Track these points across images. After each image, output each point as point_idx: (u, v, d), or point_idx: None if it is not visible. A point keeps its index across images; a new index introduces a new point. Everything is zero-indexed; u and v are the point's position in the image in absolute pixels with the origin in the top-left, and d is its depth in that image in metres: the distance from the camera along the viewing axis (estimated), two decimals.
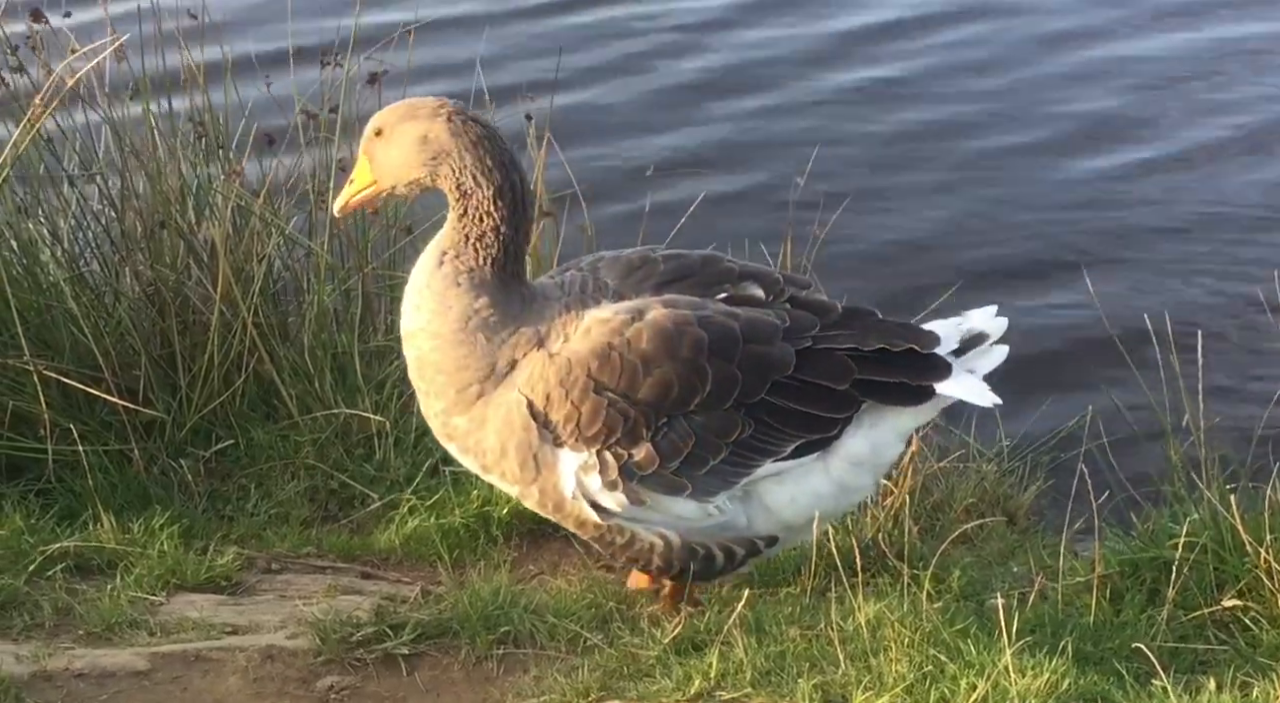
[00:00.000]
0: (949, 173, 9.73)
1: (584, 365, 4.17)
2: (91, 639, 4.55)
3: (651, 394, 4.17)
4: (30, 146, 5.82)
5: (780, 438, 4.29)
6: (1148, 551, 5.01)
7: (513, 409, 4.22)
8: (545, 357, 4.21)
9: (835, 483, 4.42)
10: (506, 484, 4.39)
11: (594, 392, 4.16)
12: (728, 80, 10.93)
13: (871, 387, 4.31)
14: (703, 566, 4.43)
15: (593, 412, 4.17)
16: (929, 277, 7.95)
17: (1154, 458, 5.63)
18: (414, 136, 4.27)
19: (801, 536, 4.58)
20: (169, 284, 5.94)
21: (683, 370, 4.16)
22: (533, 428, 4.21)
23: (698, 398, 4.19)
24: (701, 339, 4.18)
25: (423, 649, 4.44)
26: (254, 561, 5.18)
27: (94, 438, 5.59)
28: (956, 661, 4.09)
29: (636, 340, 4.17)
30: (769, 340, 4.24)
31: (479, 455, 4.34)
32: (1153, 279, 8.59)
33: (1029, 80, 10.84)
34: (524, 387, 4.21)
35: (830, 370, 4.27)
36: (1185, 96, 10.64)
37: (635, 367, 4.16)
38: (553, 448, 4.24)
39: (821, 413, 4.29)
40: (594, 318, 4.23)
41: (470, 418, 4.30)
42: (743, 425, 4.24)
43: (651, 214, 6.56)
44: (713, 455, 4.24)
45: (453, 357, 4.27)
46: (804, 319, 4.32)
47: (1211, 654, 4.61)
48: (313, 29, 6.89)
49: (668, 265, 4.44)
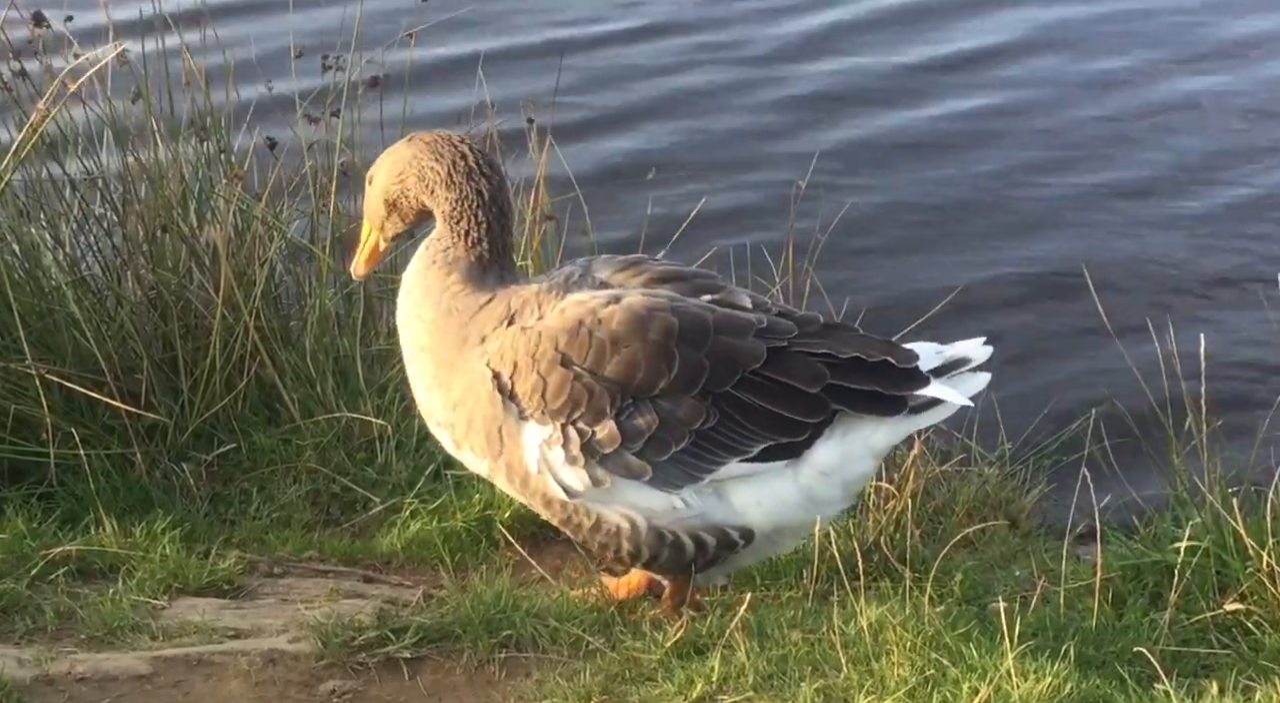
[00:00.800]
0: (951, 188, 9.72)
1: (553, 339, 4.26)
2: (93, 643, 4.55)
3: (617, 373, 4.24)
4: (33, 150, 5.82)
5: (747, 437, 4.31)
6: (1150, 554, 5.01)
7: (479, 381, 4.32)
8: (517, 330, 4.32)
9: (803, 491, 4.42)
10: (477, 459, 4.45)
11: (561, 365, 4.24)
12: (733, 90, 10.95)
13: (843, 393, 4.32)
14: (672, 554, 4.42)
15: (559, 384, 4.24)
16: (935, 287, 7.93)
17: (1156, 462, 5.62)
18: (385, 166, 4.54)
19: (774, 545, 4.60)
20: (171, 288, 5.95)
21: (650, 353, 4.23)
22: (498, 400, 4.30)
23: (663, 382, 4.24)
24: (672, 325, 4.25)
25: (425, 653, 4.44)
26: (256, 564, 5.18)
27: (96, 442, 5.60)
28: (958, 664, 4.09)
29: (608, 320, 4.26)
30: (741, 334, 4.30)
31: (450, 429, 4.44)
32: (1157, 280, 8.59)
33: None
34: (493, 358, 4.32)
35: (802, 372, 4.30)
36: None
37: (604, 344, 4.24)
38: (518, 420, 4.31)
39: (791, 415, 4.30)
40: (572, 299, 4.35)
41: (444, 390, 4.41)
42: (708, 415, 4.27)
43: (662, 221, 6.59)
44: (675, 442, 4.27)
45: (433, 334, 4.43)
46: (782, 324, 4.37)
47: (1214, 658, 4.61)
48: (314, 33, 6.89)
49: (662, 268, 4.53)
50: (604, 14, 11.98)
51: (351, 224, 6.35)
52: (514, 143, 6.55)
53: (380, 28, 6.58)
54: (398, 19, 6.77)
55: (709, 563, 4.49)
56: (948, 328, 6.82)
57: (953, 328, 7.22)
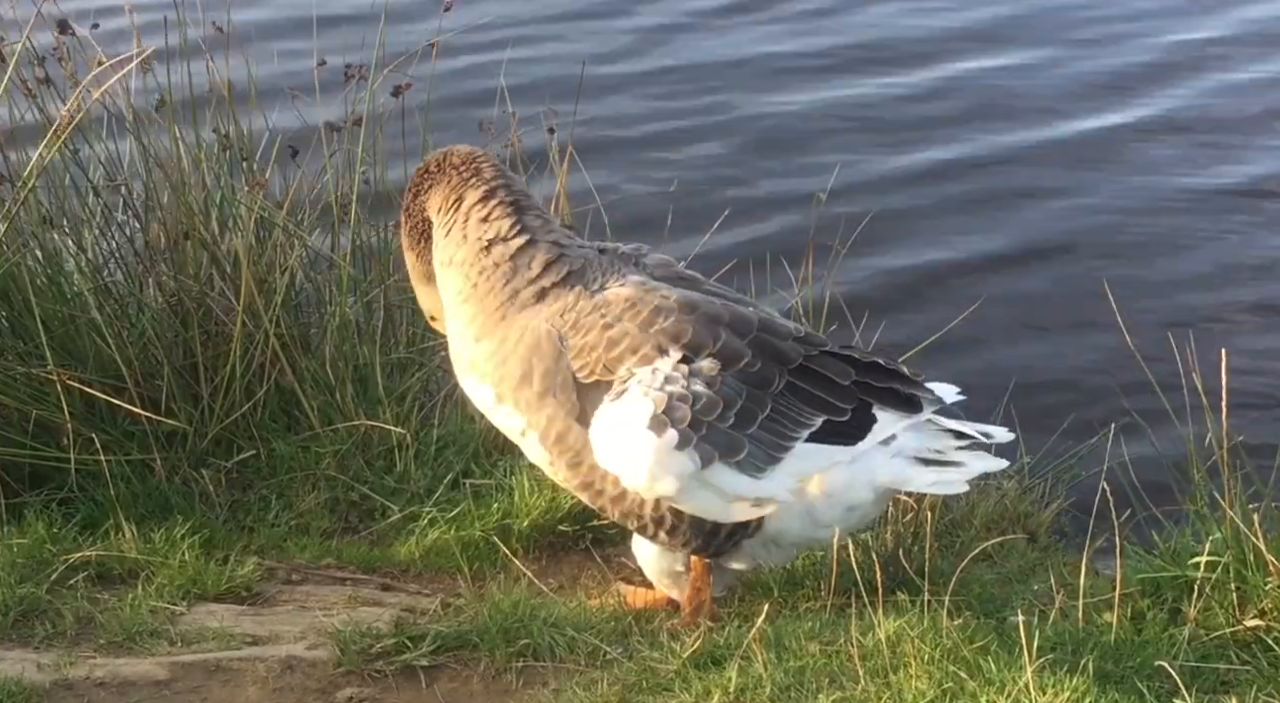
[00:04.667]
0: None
1: (616, 303, 4.41)
2: (112, 648, 4.57)
3: (668, 330, 4.39)
4: (56, 157, 5.85)
5: (806, 411, 4.50)
6: (1169, 569, 4.99)
7: (544, 337, 4.41)
8: (581, 292, 4.46)
9: (804, 506, 4.54)
10: (518, 414, 4.48)
11: (620, 321, 4.39)
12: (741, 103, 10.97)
13: (867, 389, 4.59)
14: (692, 524, 4.50)
15: (616, 337, 4.38)
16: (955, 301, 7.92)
17: (1176, 476, 5.60)
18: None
19: (767, 551, 4.67)
20: (192, 295, 5.97)
21: (699, 326, 4.40)
22: (562, 356, 4.39)
23: (708, 351, 4.39)
24: (720, 313, 4.47)
25: (442, 661, 4.45)
26: (274, 571, 5.20)
27: (116, 447, 5.61)
28: (977, 678, 4.08)
29: (665, 300, 4.44)
30: (782, 337, 4.53)
31: (497, 383, 4.47)
32: (1175, 294, 8.57)
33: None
34: (553, 316, 4.42)
35: (834, 368, 4.56)
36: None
37: (658, 310, 4.41)
38: (570, 379, 4.40)
39: (832, 399, 4.52)
40: (633, 279, 4.53)
41: (494, 339, 4.47)
42: (778, 378, 4.46)
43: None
44: (760, 409, 4.42)
45: (482, 283, 4.49)
46: (815, 336, 4.67)
47: (1233, 674, 4.58)
48: (337, 41, 6.92)
49: (709, 287, 4.72)
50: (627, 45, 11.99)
51: (371, 232, 6.39)
52: (535, 155, 6.57)
53: (403, 39, 6.60)
54: (420, 29, 6.79)
55: (723, 541, 4.55)
56: (965, 348, 6.86)
57: (971, 346, 7.26)
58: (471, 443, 5.78)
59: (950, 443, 4.67)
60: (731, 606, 4.82)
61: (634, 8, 12.53)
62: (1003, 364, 7.58)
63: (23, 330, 5.72)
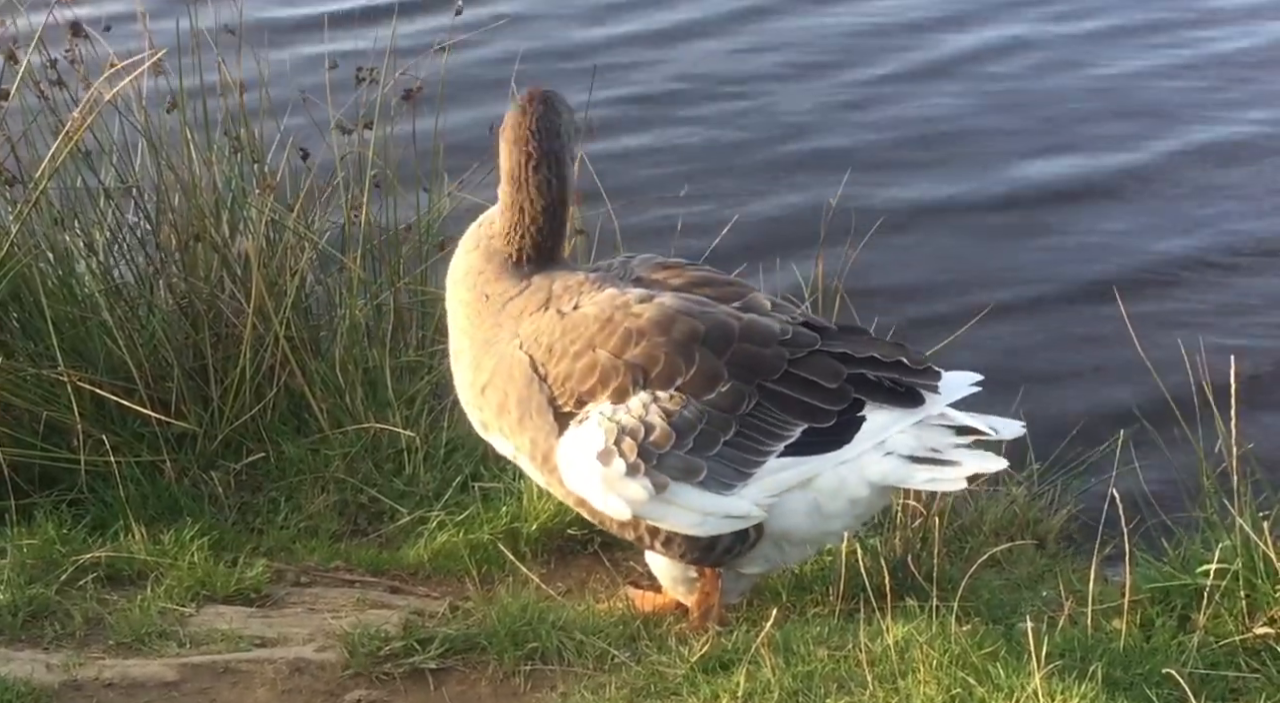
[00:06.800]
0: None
1: (585, 326, 4.38)
2: (121, 650, 4.58)
3: (639, 359, 4.35)
4: (68, 159, 5.86)
5: (785, 422, 4.41)
6: (1179, 577, 4.98)
7: (514, 364, 4.42)
8: (553, 315, 4.44)
9: (809, 501, 4.49)
10: (505, 441, 4.54)
11: (591, 349, 4.36)
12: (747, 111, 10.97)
13: (862, 384, 4.45)
14: (685, 539, 4.47)
15: (587, 368, 4.35)
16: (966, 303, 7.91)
17: (1186, 483, 5.59)
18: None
19: (781, 552, 4.64)
20: (202, 297, 5.98)
21: (671, 349, 4.33)
22: (534, 382, 4.39)
23: (680, 379, 4.34)
24: (697, 328, 4.36)
25: (450, 665, 4.45)
26: (283, 573, 5.20)
27: (126, 449, 5.62)
28: (985, 684, 4.08)
29: (639, 315, 4.37)
30: (764, 343, 4.40)
31: (479, 410, 4.55)
32: (1188, 304, 8.55)
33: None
34: (527, 341, 4.42)
35: (822, 371, 4.43)
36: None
37: (630, 333, 4.35)
38: (553, 422, 4.39)
39: (817, 403, 4.40)
40: (608, 292, 4.46)
41: (476, 371, 4.53)
42: (748, 398, 4.36)
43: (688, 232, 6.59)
44: (723, 432, 4.35)
45: (471, 318, 4.56)
46: (805, 336, 4.48)
47: (1243, 682, 4.57)
48: (349, 43, 6.92)
49: (696, 273, 4.63)
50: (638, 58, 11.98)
51: (382, 235, 6.39)
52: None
53: (414, 41, 6.60)
54: (433, 31, 6.79)
55: (722, 553, 4.52)
56: (977, 342, 6.84)
57: (983, 343, 7.24)
58: (480, 446, 5.78)
59: (949, 440, 4.50)
60: (740, 610, 4.82)
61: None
62: (1014, 369, 7.57)
63: (34, 332, 5.73)
